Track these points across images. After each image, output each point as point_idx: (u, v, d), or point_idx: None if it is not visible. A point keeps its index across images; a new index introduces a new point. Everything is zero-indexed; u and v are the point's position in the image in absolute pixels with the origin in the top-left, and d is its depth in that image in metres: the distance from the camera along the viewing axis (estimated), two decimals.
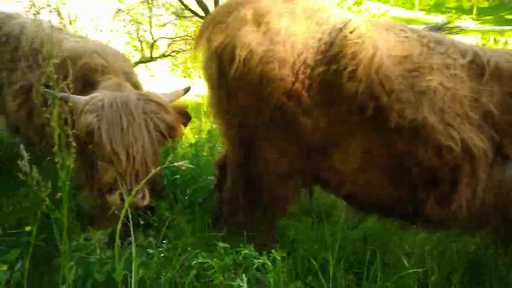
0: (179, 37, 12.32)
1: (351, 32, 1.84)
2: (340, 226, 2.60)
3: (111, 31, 11.49)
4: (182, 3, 8.67)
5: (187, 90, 2.43)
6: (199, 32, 2.17)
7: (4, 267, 1.51)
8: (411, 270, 2.10)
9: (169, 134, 2.09)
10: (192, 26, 12.68)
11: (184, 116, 2.43)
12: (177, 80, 13.02)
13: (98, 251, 2.27)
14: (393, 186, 2.04)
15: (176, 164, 1.43)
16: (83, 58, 2.46)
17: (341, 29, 1.85)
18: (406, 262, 2.18)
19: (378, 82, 1.83)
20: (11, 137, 3.72)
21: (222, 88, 2.05)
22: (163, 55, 12.95)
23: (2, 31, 3.06)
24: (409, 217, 2.22)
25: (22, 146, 1.37)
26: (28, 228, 2.15)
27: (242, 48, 1.87)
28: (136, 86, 2.61)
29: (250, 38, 1.89)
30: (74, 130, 1.39)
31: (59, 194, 1.36)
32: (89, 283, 1.68)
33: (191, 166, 1.45)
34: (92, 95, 2.08)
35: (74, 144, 1.39)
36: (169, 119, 2.05)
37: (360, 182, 2.06)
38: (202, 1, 8.33)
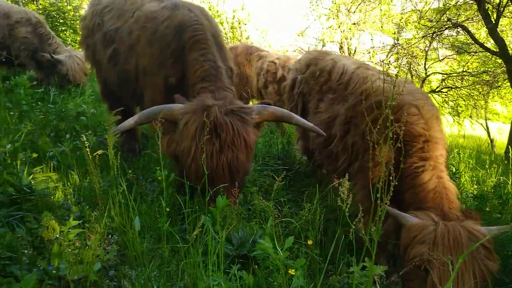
0: (457, 73, 11.29)
1: None
2: None
3: (385, 63, 11.71)
4: (472, 37, 7.82)
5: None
6: None
7: (293, 272, 1.90)
8: None
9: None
10: (475, 61, 11.42)
11: None
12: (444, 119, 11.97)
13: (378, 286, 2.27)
14: None
15: None
16: (401, 113, 2.15)
17: None
18: None
19: None
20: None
21: None
22: (433, 91, 12.20)
23: (317, 67, 3.50)
24: None
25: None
26: (310, 242, 2.44)
27: None
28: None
29: None
30: None
31: (358, 223, 1.49)
32: None
33: None
34: (422, 220, 2.13)
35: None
36: (495, 268, 2.00)
37: None
38: (500, 36, 7.26)
